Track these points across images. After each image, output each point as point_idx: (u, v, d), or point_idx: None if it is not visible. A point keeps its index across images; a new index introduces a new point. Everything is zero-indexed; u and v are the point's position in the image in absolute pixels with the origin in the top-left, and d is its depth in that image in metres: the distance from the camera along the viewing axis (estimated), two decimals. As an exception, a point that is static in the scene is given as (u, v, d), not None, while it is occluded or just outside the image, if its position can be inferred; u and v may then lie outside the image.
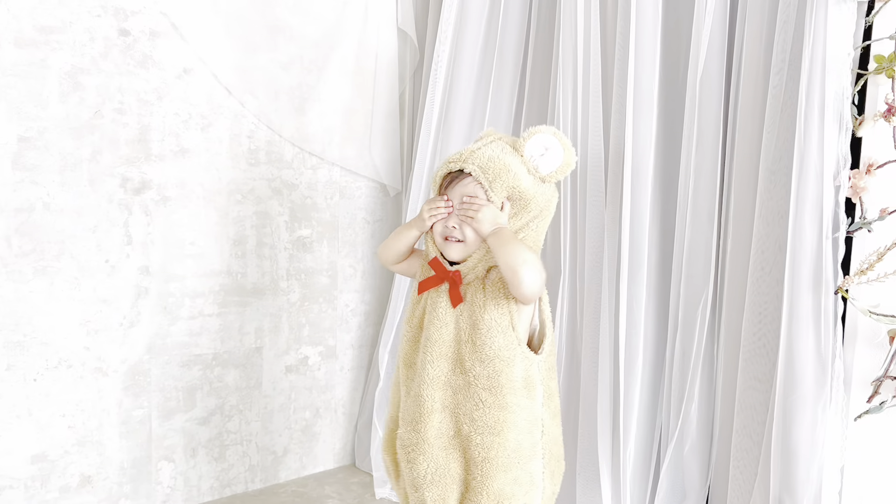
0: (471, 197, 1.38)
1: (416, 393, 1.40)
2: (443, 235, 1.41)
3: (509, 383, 1.36)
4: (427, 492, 1.39)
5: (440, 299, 1.40)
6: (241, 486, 2.31)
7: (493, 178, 1.37)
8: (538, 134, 1.43)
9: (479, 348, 1.36)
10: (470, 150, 1.41)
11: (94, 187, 1.95)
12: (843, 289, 1.44)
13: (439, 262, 1.41)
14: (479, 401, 1.36)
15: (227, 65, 2.15)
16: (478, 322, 1.37)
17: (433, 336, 1.39)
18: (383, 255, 1.56)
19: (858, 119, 1.46)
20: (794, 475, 1.50)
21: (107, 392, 2.02)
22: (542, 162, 1.42)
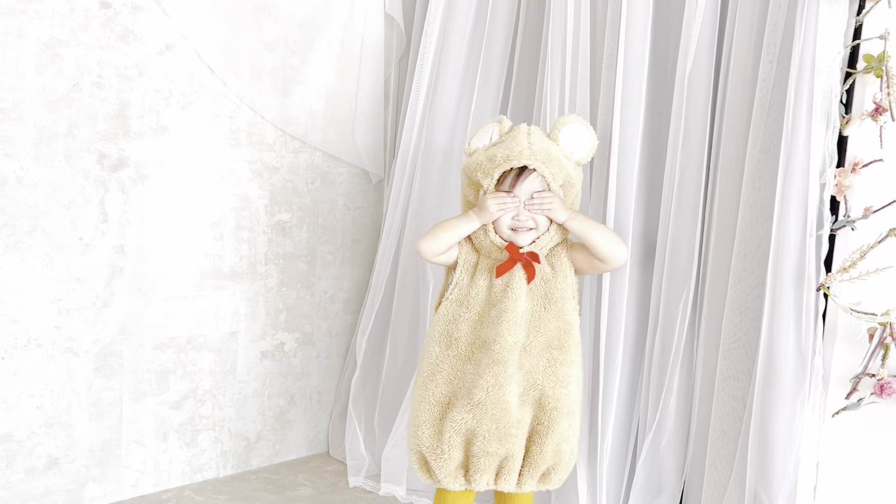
0: (540, 192, 1.54)
1: (496, 360, 1.52)
2: (510, 227, 1.55)
3: (573, 343, 1.58)
4: (512, 444, 1.54)
5: (513, 278, 1.55)
6: (212, 471, 2.28)
7: (555, 171, 1.53)
8: (571, 123, 1.61)
9: (554, 314, 1.56)
10: (525, 146, 1.53)
11: (69, 162, 1.90)
12: (825, 286, 1.45)
13: (515, 247, 1.55)
14: (552, 359, 1.56)
15: (211, 43, 2.10)
16: (551, 292, 1.56)
17: (510, 308, 1.53)
18: (432, 247, 1.59)
19: (846, 118, 1.47)
20: (770, 470, 1.51)
21: (77, 373, 1.98)
22: (577, 148, 1.61)
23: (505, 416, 1.52)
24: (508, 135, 1.59)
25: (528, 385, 1.55)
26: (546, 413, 1.55)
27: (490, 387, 1.51)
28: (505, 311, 1.52)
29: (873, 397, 1.44)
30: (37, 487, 1.94)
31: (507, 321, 1.52)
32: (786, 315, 1.50)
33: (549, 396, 1.55)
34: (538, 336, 1.55)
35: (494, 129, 1.63)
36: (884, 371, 1.42)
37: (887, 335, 1.42)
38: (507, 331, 1.52)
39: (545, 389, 1.55)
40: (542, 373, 1.55)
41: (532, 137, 1.56)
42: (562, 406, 1.55)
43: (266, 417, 2.38)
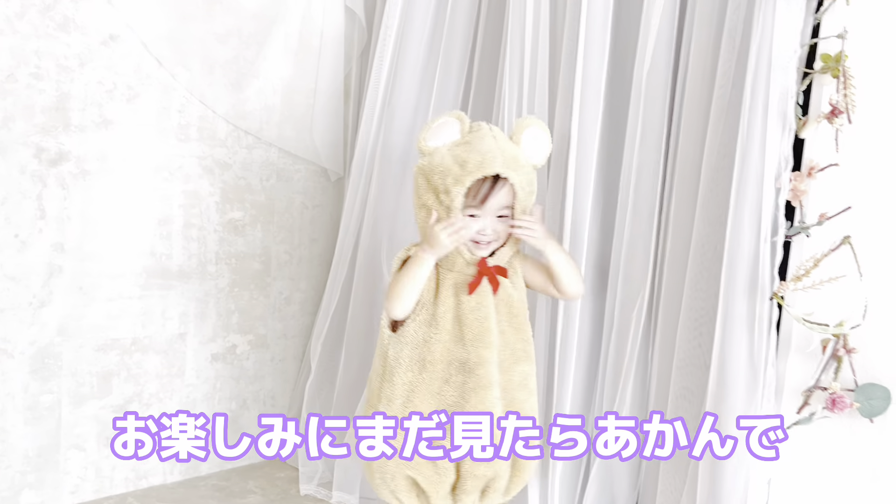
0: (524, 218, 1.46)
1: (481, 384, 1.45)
2: (472, 240, 1.46)
3: (533, 351, 1.56)
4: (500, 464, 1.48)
5: (482, 293, 1.46)
6: (158, 478, 2.20)
7: (524, 180, 1.46)
8: (532, 126, 1.52)
9: (517, 327, 1.51)
10: (498, 152, 1.42)
11: (3, 156, 1.82)
12: (778, 295, 1.40)
13: (485, 263, 1.47)
14: (524, 373, 1.52)
15: (158, 33, 2.03)
16: (513, 304, 1.51)
17: (485, 328, 1.46)
18: (404, 307, 1.47)
19: (802, 120, 1.41)
20: (720, 486, 1.47)
21: (11, 375, 1.90)
22: (535, 152, 1.52)
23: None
24: (473, 135, 1.46)
25: (507, 402, 1.50)
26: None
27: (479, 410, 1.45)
28: (484, 331, 1.45)
29: (825, 412, 1.39)
30: (-32, 494, 1.87)
31: (487, 343, 1.45)
32: (738, 324, 1.45)
33: (526, 410, 1.51)
34: (506, 350, 1.50)
35: (455, 126, 1.48)
36: (836, 384, 1.36)
37: (840, 347, 1.36)
38: (488, 352, 1.46)
39: (524, 402, 1.51)
40: (517, 387, 1.51)
41: (499, 141, 1.45)
42: (530, 409, 1.54)
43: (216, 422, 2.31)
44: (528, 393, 1.53)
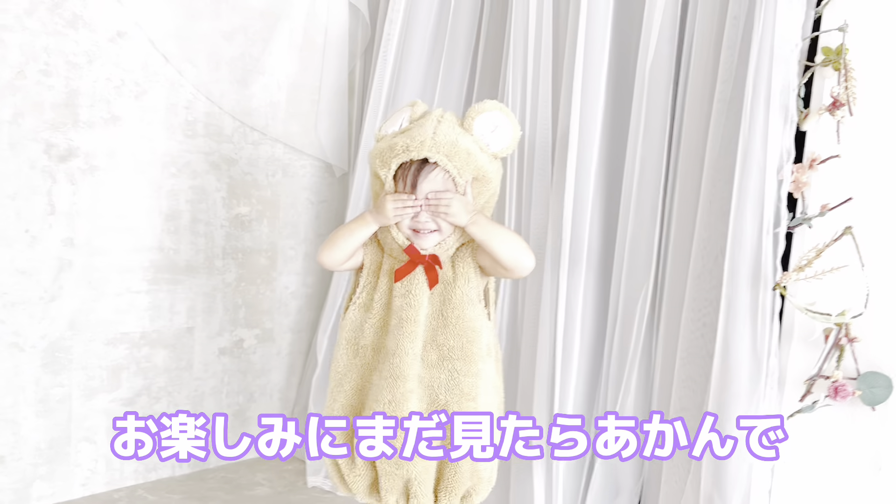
0: (437, 193, 1.39)
1: (394, 374, 1.41)
2: (412, 228, 1.42)
3: (478, 352, 1.45)
4: (413, 466, 1.41)
5: (413, 282, 1.43)
6: (167, 470, 2.23)
7: (461, 165, 1.38)
8: (487, 112, 1.45)
9: (453, 322, 1.43)
10: (429, 135, 1.37)
11: (14, 151, 1.84)
12: (780, 285, 1.42)
13: (416, 250, 1.42)
14: (455, 370, 1.43)
15: (166, 30, 2.05)
16: (450, 298, 1.44)
17: (410, 317, 1.42)
18: (332, 256, 1.47)
19: (804, 112, 1.43)
20: (725, 473, 1.48)
21: (23, 368, 1.92)
22: (493, 139, 1.44)
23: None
24: (418, 121, 1.44)
25: (430, 401, 1.44)
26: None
27: (387, 403, 1.41)
28: (406, 319, 1.41)
29: (828, 400, 1.40)
30: (-20, 486, 1.89)
31: (408, 331, 1.41)
32: (742, 314, 1.47)
33: (454, 411, 1.42)
34: (433, 345, 1.44)
35: (406, 113, 1.48)
36: (839, 373, 1.38)
37: (842, 336, 1.38)
38: (408, 342, 1.41)
39: (449, 405, 1.42)
40: (444, 387, 1.43)
41: (441, 126, 1.39)
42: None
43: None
44: (458, 395, 1.43)
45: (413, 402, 1.42)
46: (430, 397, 1.44)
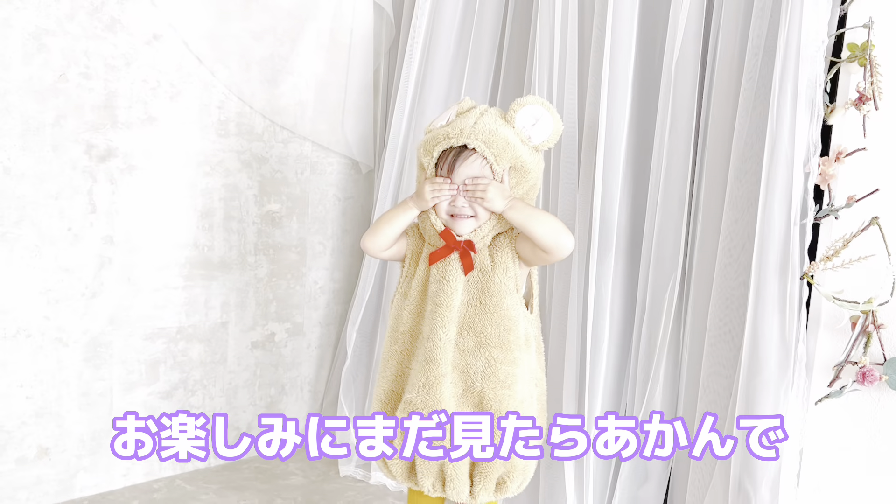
0: (474, 179, 1.44)
1: (427, 358, 1.46)
2: (449, 213, 1.47)
3: (516, 340, 1.47)
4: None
5: (449, 268, 1.47)
6: (203, 461, 2.29)
7: (498, 152, 1.43)
8: (528, 105, 1.50)
9: (491, 310, 1.46)
10: (470, 125, 1.44)
11: (57, 153, 1.90)
12: (808, 274, 1.46)
13: (451, 234, 1.47)
14: (491, 358, 1.46)
15: (199, 32, 2.10)
16: (488, 286, 1.47)
17: (444, 302, 1.46)
18: (375, 242, 1.53)
19: (830, 107, 1.47)
20: (754, 458, 1.52)
21: (67, 363, 1.98)
22: (534, 132, 1.49)
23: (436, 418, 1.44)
24: (461, 115, 1.51)
25: (465, 387, 1.48)
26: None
27: (420, 387, 1.45)
28: (440, 304, 1.46)
29: (855, 385, 1.45)
30: (27, 477, 1.95)
31: (441, 316, 1.45)
32: (770, 304, 1.51)
33: (489, 399, 1.46)
34: (471, 333, 1.47)
35: (453, 109, 1.55)
36: (866, 359, 1.43)
37: (869, 323, 1.43)
38: (440, 326, 1.45)
39: (485, 392, 1.46)
40: (480, 374, 1.46)
41: (483, 117, 1.46)
42: (506, 408, 1.46)
43: (257, 407, 2.39)
44: (494, 383, 1.46)
45: (446, 385, 1.45)
46: (465, 383, 1.48)
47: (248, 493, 2.14)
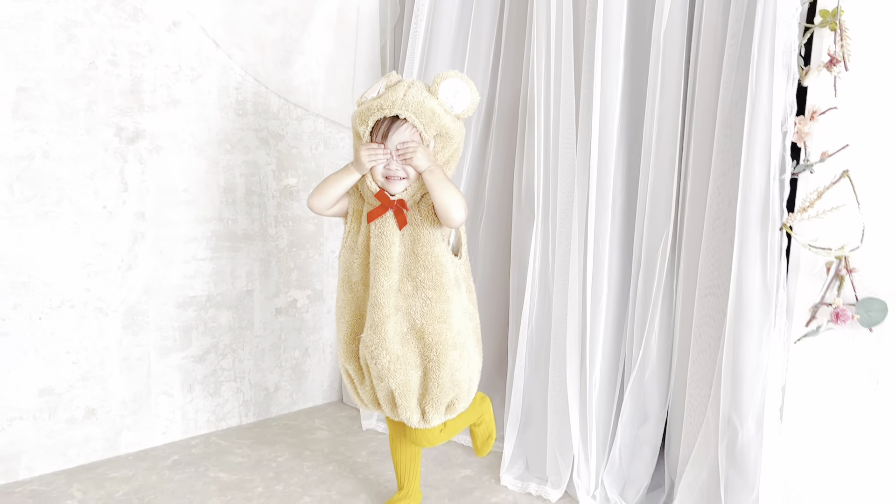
0: (404, 143, 1.62)
1: (374, 302, 1.66)
2: (384, 175, 1.65)
3: (448, 282, 1.68)
4: (391, 380, 1.68)
5: (385, 224, 1.65)
6: (235, 419, 2.46)
7: (426, 121, 1.62)
8: (450, 78, 1.68)
9: (423, 258, 1.66)
10: (399, 97, 1.62)
11: (90, 136, 2.04)
12: (787, 225, 1.59)
13: (385, 195, 1.65)
14: (427, 298, 1.67)
15: (215, 18, 2.23)
16: (419, 238, 1.67)
17: (384, 254, 1.65)
18: (320, 202, 1.70)
19: (805, 69, 1.59)
20: (740, 395, 1.67)
21: (107, 331, 2.15)
22: (456, 102, 1.68)
23: (383, 353, 1.66)
24: (391, 87, 1.68)
25: (409, 325, 1.68)
26: (432, 349, 1.67)
27: (370, 327, 1.67)
28: (381, 256, 1.65)
29: (830, 324, 1.58)
30: (77, 436, 2.13)
31: (382, 266, 1.65)
32: (753, 253, 1.64)
33: (430, 332, 1.67)
34: (408, 279, 1.66)
35: (383, 82, 1.71)
36: (839, 300, 1.56)
37: (842, 268, 1.55)
38: (382, 275, 1.65)
39: (425, 327, 1.67)
40: (419, 312, 1.66)
41: (411, 90, 1.64)
42: (445, 340, 1.67)
43: (283, 369, 2.56)
44: (432, 319, 1.66)
45: (390, 325, 1.65)
46: (408, 322, 1.67)
47: (279, 447, 2.31)
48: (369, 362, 1.69)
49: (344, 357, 1.78)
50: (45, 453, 2.07)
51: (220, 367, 2.40)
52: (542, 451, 2.10)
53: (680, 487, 1.82)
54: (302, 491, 2.03)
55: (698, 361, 1.82)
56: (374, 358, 1.67)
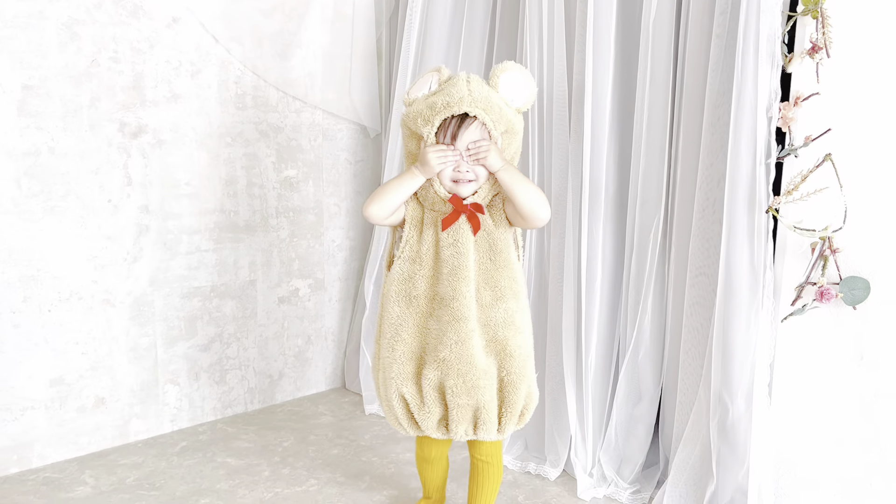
0: (476, 142, 1.53)
1: (456, 317, 1.54)
2: (452, 179, 1.55)
3: (522, 289, 1.61)
4: (480, 396, 1.58)
5: (459, 231, 1.55)
6: (241, 406, 2.52)
7: (496, 117, 1.53)
8: (509, 70, 1.60)
9: (501, 265, 1.58)
10: (465, 93, 1.52)
11: (94, 132, 2.09)
12: (773, 208, 1.64)
13: (459, 199, 1.55)
14: (509, 308, 1.58)
15: (213, 13, 2.27)
16: (495, 243, 1.58)
17: (462, 264, 1.54)
18: (382, 209, 1.56)
19: (788, 56, 1.63)
20: (730, 373, 1.72)
21: (115, 322, 2.20)
22: (517, 95, 1.60)
23: (471, 370, 1.55)
24: (447, 83, 1.57)
25: (489, 337, 1.58)
26: (514, 361, 1.58)
27: (453, 343, 1.54)
28: (459, 266, 1.54)
29: (815, 303, 1.64)
30: (87, 424, 2.19)
31: (463, 277, 1.54)
32: (741, 236, 1.69)
33: (512, 345, 1.58)
34: (487, 288, 1.57)
35: (433, 78, 1.60)
36: (823, 279, 1.61)
37: (826, 248, 1.61)
38: (464, 286, 1.53)
39: (508, 339, 1.57)
40: (501, 324, 1.57)
41: (472, 85, 1.53)
42: (525, 352, 1.60)
43: (286, 357, 2.62)
44: (514, 330, 1.58)
45: (475, 339, 1.55)
46: (487, 335, 1.58)
47: (285, 432, 2.37)
48: (452, 381, 1.56)
49: (400, 380, 1.60)
50: (56, 441, 2.13)
51: (225, 355, 2.45)
52: (541, 432, 2.16)
53: (674, 464, 1.88)
54: (308, 474, 2.09)
55: (690, 341, 1.88)
56: (461, 376, 1.55)
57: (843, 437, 1.68)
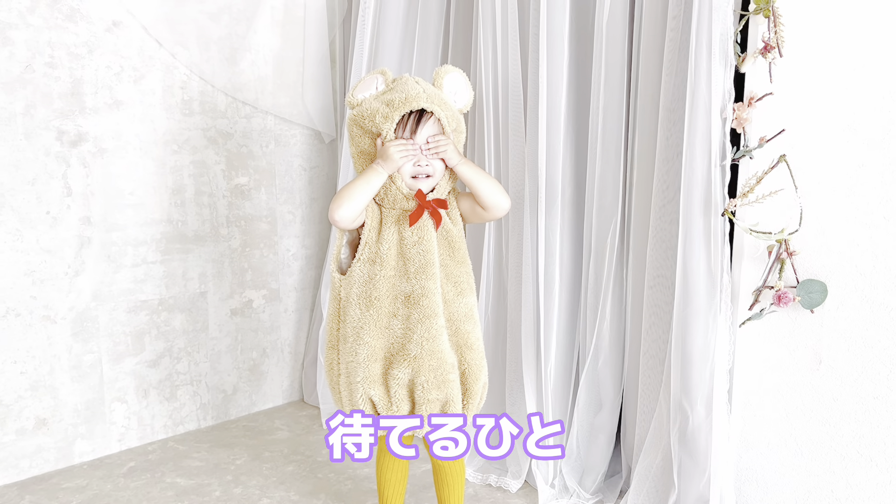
0: (434, 136, 1.54)
1: (426, 314, 1.53)
2: (412, 175, 1.54)
3: (474, 281, 1.64)
4: (450, 390, 1.57)
5: (423, 228, 1.54)
6: (193, 423, 2.43)
7: (449, 115, 1.56)
8: (452, 72, 1.65)
9: (459, 259, 1.61)
10: (420, 91, 1.53)
11: (29, 141, 2.00)
12: (728, 210, 1.61)
13: (423, 195, 1.55)
14: (469, 302, 1.62)
15: (156, 17, 2.19)
16: (454, 239, 1.60)
17: (430, 260, 1.54)
18: (349, 210, 1.50)
19: (741, 56, 1.61)
20: (689, 379, 1.69)
21: (56, 339, 2.10)
22: (459, 97, 1.66)
23: (442, 364, 1.54)
24: (397, 83, 1.58)
25: (452, 331, 1.59)
26: (474, 353, 1.60)
27: (424, 340, 1.53)
28: (426, 264, 1.53)
29: (773, 307, 1.61)
30: (28, 447, 2.09)
31: (430, 274, 1.53)
32: (697, 240, 1.66)
33: (472, 338, 1.61)
34: (449, 283, 1.58)
35: (379, 79, 1.60)
36: (780, 283, 1.59)
37: (783, 251, 1.58)
38: (432, 283, 1.53)
39: (469, 332, 1.60)
40: (463, 318, 1.59)
41: (422, 84, 1.56)
42: (481, 345, 1.64)
43: (241, 371, 2.53)
44: (473, 324, 1.61)
45: (444, 335, 1.56)
46: (451, 328, 1.59)
47: (238, 450, 2.29)
48: (424, 377, 1.54)
49: (367, 384, 1.56)
50: (-5, 466, 2.04)
51: (175, 370, 2.37)
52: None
53: (636, 473, 1.84)
54: (260, 493, 2.02)
55: (649, 348, 1.84)
56: (432, 371, 1.54)
57: (803, 442, 1.65)
